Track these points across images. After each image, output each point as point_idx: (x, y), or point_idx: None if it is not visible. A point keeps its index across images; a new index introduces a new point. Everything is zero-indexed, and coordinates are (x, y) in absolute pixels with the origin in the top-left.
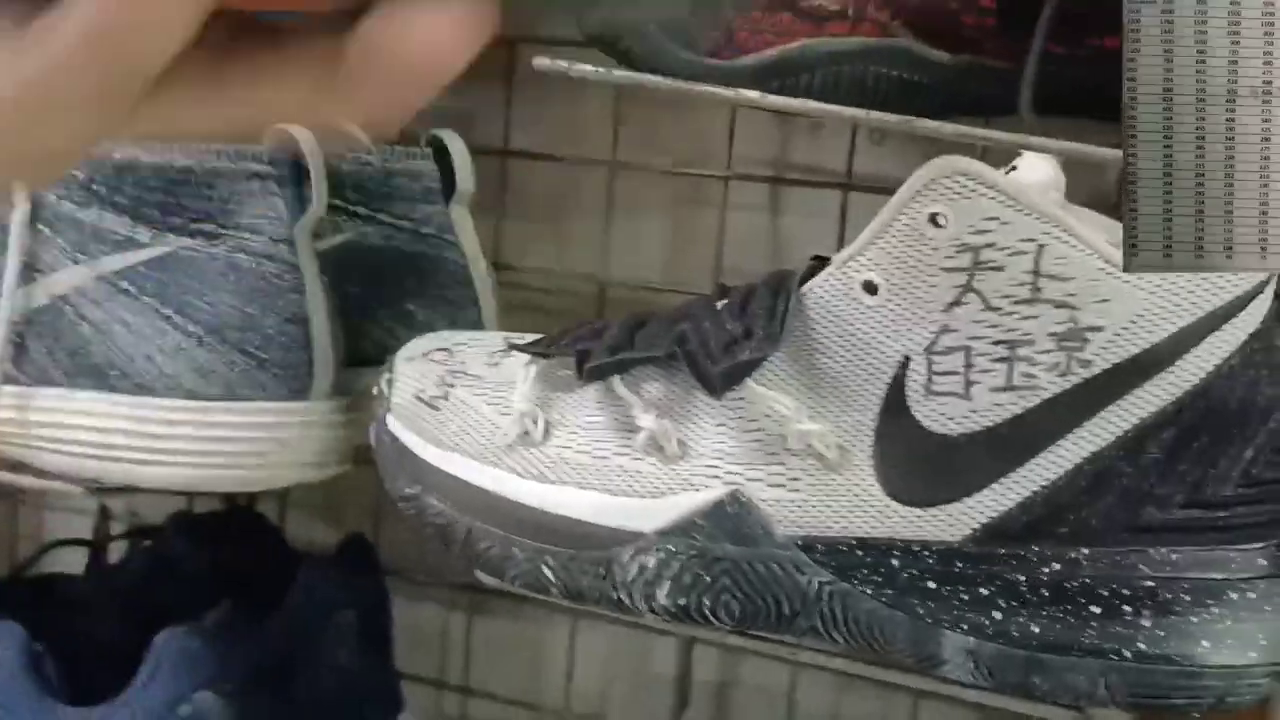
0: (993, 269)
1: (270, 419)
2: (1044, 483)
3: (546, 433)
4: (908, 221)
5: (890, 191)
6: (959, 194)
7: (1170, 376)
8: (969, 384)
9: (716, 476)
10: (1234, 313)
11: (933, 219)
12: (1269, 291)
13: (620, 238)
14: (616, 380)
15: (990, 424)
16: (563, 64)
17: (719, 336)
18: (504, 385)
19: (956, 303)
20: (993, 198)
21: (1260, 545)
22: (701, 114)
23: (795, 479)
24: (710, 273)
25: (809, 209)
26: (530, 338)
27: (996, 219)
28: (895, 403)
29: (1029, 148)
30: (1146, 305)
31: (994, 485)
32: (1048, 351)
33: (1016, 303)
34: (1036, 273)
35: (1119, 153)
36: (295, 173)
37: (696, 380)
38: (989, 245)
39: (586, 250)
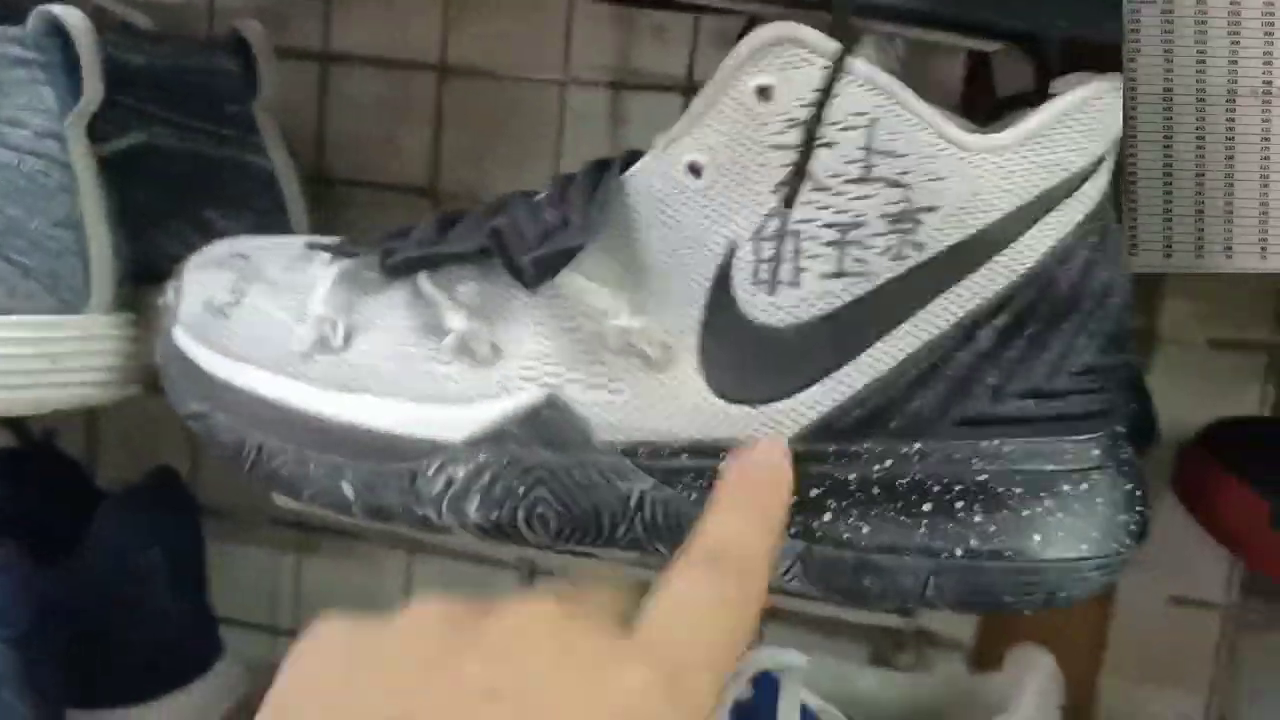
0: (823, 145)
1: (38, 333)
2: (875, 375)
3: (347, 339)
4: (733, 95)
5: None
6: (787, 63)
7: (1004, 260)
8: (798, 271)
9: (532, 379)
10: (1068, 193)
11: (760, 92)
12: (1104, 170)
13: (453, 148)
14: (424, 279)
15: (821, 314)
16: None
17: (535, 228)
18: (303, 289)
19: (785, 183)
20: (824, 67)
21: (1093, 436)
22: (536, 15)
23: (616, 380)
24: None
25: (652, 116)
26: (336, 239)
27: (827, 91)
28: (721, 294)
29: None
30: (981, 184)
31: (825, 380)
32: (880, 234)
33: (848, 181)
34: (869, 149)
35: (960, 40)
36: (65, 59)
37: (509, 272)
38: (819, 120)
39: (417, 162)
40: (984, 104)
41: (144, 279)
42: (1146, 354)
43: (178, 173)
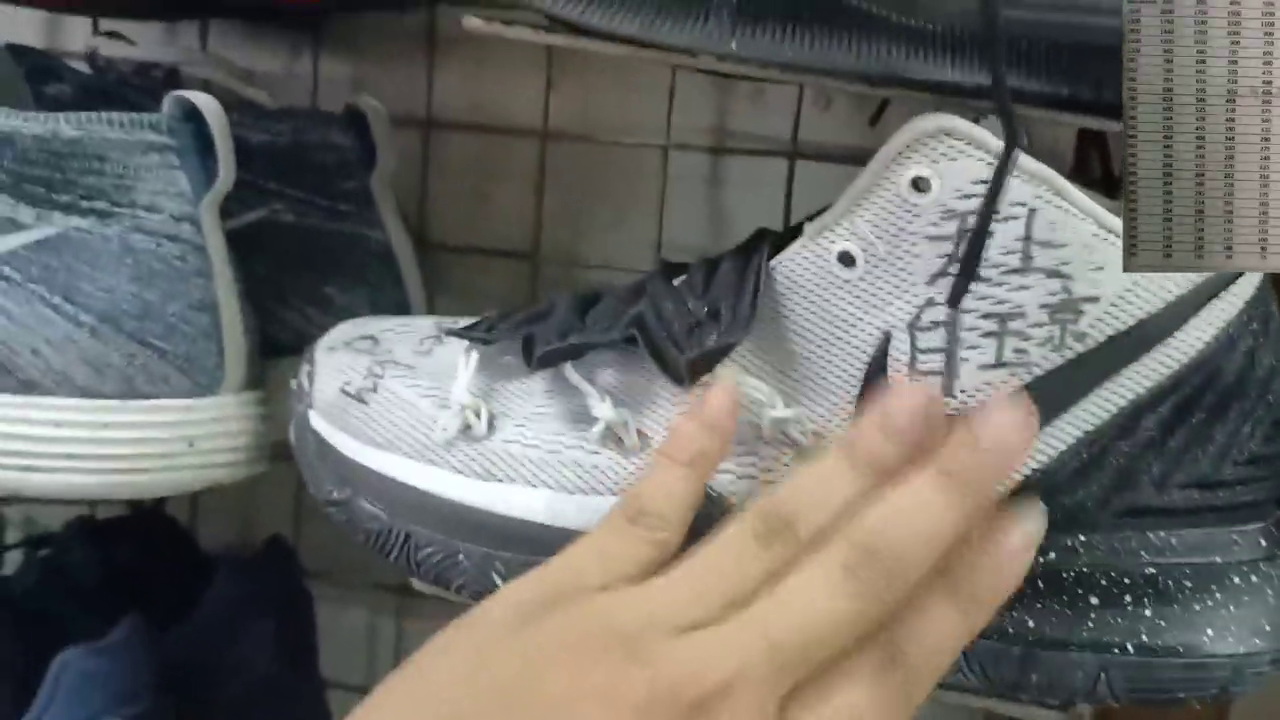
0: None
1: (175, 417)
2: (1037, 466)
3: (491, 426)
4: (888, 187)
5: (837, 160)
6: (944, 155)
7: (1167, 349)
8: (957, 362)
9: None
10: (1230, 280)
11: (915, 183)
12: None
13: (554, 212)
14: (568, 367)
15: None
16: (499, 25)
17: (682, 318)
18: (440, 375)
19: (942, 274)
20: (980, 159)
21: (1260, 525)
22: (638, 79)
23: (769, 470)
24: (650, 248)
25: (752, 179)
26: (465, 321)
27: (985, 182)
28: (876, 384)
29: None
30: (1139, 275)
31: None
32: (1040, 324)
33: (1006, 272)
34: (1028, 239)
35: (1101, 123)
36: (199, 143)
37: (660, 369)
38: (988, 213)
39: (518, 226)
40: (1098, 176)
41: (265, 353)
42: None
43: (297, 248)
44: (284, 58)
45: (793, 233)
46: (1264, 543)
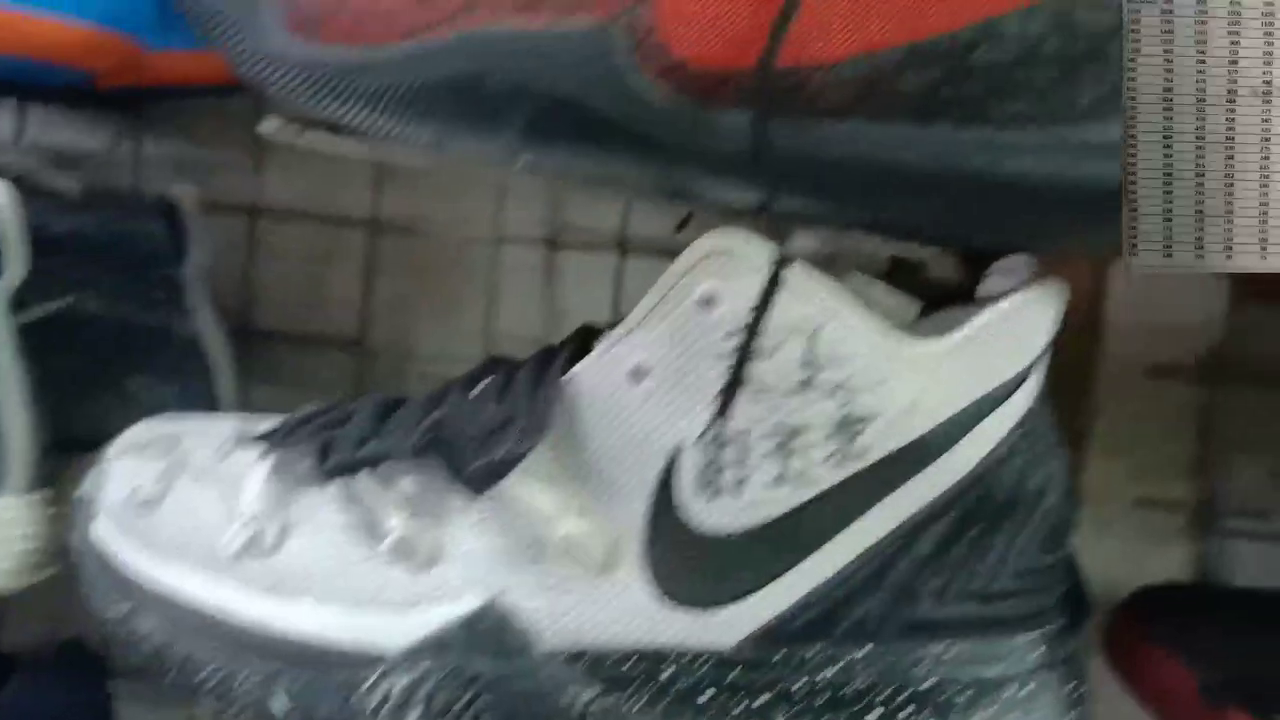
0: (764, 354)
1: None
2: (820, 581)
3: (280, 539)
4: (678, 302)
5: (667, 253)
6: (729, 273)
7: (944, 465)
8: (742, 478)
9: (472, 584)
10: (1003, 398)
11: (704, 300)
12: (1037, 373)
13: (384, 302)
14: (364, 475)
15: (764, 520)
16: (294, 131)
17: (476, 426)
18: (232, 482)
19: (727, 391)
20: (761, 277)
21: (1036, 635)
22: (470, 171)
23: (559, 584)
24: (480, 338)
25: (584, 272)
26: (266, 424)
27: (764, 301)
28: (666, 499)
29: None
30: (919, 392)
31: (770, 585)
32: (822, 441)
33: (789, 391)
34: (810, 358)
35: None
36: None
37: (453, 477)
38: (757, 330)
39: (348, 315)
40: (911, 282)
41: (61, 448)
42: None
43: (101, 339)
44: (105, 140)
45: (593, 334)
46: (1040, 652)
